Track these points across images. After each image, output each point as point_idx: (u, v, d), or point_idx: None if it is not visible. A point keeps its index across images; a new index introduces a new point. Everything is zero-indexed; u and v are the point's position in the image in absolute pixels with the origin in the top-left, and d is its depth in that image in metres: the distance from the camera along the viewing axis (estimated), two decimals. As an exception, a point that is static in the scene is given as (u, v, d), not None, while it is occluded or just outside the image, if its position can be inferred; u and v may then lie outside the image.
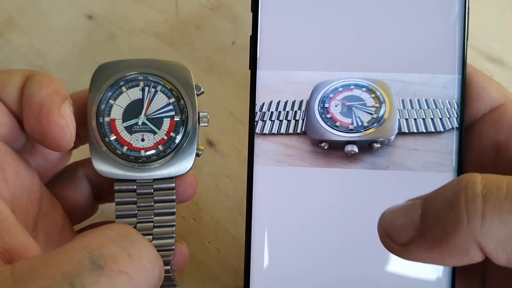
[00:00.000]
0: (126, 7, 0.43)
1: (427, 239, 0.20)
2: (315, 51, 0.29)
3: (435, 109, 0.28)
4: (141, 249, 0.21)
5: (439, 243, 0.20)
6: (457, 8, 0.28)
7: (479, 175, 0.20)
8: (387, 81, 0.29)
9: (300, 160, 0.29)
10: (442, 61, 0.28)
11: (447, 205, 0.20)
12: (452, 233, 0.19)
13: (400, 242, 0.21)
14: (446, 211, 0.20)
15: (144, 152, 0.27)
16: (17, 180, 0.25)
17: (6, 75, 0.25)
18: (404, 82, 0.29)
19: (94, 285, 0.19)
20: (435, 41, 0.28)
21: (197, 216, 0.38)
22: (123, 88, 0.27)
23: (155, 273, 0.22)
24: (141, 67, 0.28)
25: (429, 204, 0.21)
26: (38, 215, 0.26)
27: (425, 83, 0.28)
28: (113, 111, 0.27)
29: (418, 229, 0.21)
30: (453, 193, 0.20)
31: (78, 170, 0.30)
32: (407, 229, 0.21)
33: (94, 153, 0.27)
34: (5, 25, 0.43)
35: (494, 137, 0.27)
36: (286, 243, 0.29)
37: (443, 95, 0.28)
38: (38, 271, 0.19)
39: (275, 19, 0.29)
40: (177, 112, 0.27)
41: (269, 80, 0.29)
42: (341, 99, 0.29)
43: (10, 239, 0.22)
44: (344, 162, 0.29)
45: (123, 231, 0.22)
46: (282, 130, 0.29)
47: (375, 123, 0.29)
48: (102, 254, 0.20)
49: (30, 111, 0.24)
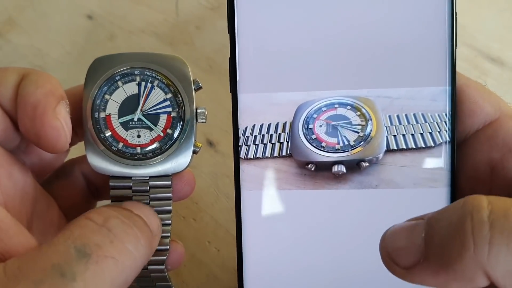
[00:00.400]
0: (126, 7, 0.43)
1: (431, 263, 0.20)
2: (296, 70, 0.28)
3: (424, 123, 0.27)
4: (121, 235, 0.22)
5: (444, 269, 0.19)
6: (445, 14, 0.27)
7: (485, 199, 0.19)
8: (372, 97, 0.28)
9: (287, 183, 0.28)
10: (430, 72, 0.27)
11: (453, 231, 0.19)
12: (458, 260, 0.19)
13: (403, 266, 0.21)
14: (451, 236, 0.19)
15: (140, 149, 0.27)
16: (9, 181, 0.24)
17: (1, 73, 0.25)
18: (390, 97, 0.28)
19: (84, 272, 0.20)
20: (421, 51, 0.27)
21: (197, 216, 0.38)
22: (119, 83, 0.27)
23: (140, 252, 0.23)
24: (137, 61, 0.27)
25: (433, 227, 0.20)
26: (32, 215, 0.26)
27: (412, 97, 0.27)
28: (109, 106, 0.27)
29: (422, 252, 0.20)
30: (458, 217, 0.19)
31: (74, 168, 0.30)
32: (410, 252, 0.20)
33: (89, 149, 0.26)
34: (5, 25, 0.43)
35: (488, 155, 0.26)
36: (277, 268, 0.28)
37: (432, 109, 0.27)
38: (28, 266, 0.20)
39: (253, 40, 0.28)
40: (174, 108, 0.27)
41: (250, 103, 0.28)
42: (325, 119, 0.28)
43: (9, 240, 0.22)
44: (332, 183, 0.28)
45: (101, 219, 0.22)
46: (267, 154, 0.28)
47: (362, 142, 0.28)
48: (85, 243, 0.21)
49: (25, 112, 0.24)
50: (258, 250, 0.28)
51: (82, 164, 0.30)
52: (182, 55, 0.27)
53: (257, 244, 0.28)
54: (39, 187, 0.27)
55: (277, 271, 0.28)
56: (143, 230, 0.24)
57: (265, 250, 0.28)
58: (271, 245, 0.28)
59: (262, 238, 0.28)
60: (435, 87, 0.27)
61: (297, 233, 0.28)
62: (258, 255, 0.28)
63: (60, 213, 0.29)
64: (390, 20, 0.27)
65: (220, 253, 0.37)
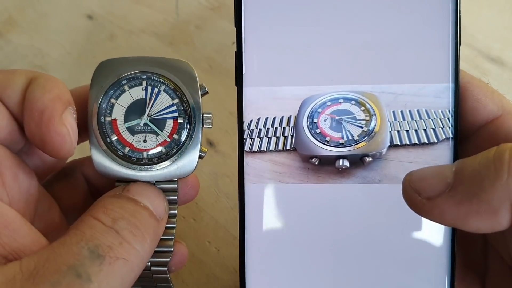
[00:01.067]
0: (126, 7, 0.43)
1: (457, 193, 0.20)
2: (302, 65, 0.28)
3: (427, 119, 0.28)
4: (128, 236, 0.23)
5: (470, 199, 0.19)
6: (449, 11, 0.27)
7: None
8: (377, 93, 0.28)
9: (290, 177, 0.28)
10: (433, 69, 0.27)
11: (488, 161, 0.19)
12: (488, 188, 0.19)
13: (426, 195, 0.21)
14: (486, 165, 0.19)
15: (147, 154, 0.27)
16: (15, 183, 0.24)
17: (9, 76, 0.25)
18: (394, 93, 0.28)
19: (98, 273, 0.21)
20: (425, 48, 0.27)
21: (197, 216, 0.38)
22: (125, 87, 0.27)
23: (146, 250, 0.23)
24: (144, 65, 0.27)
25: (466, 162, 0.21)
26: (34, 217, 0.26)
27: (416, 93, 0.28)
28: (115, 111, 0.27)
29: (449, 183, 0.20)
30: (496, 151, 0.20)
31: (76, 170, 0.30)
32: (437, 183, 0.21)
33: (95, 153, 0.27)
34: (5, 25, 0.43)
35: None
36: (280, 263, 0.28)
37: (436, 105, 0.27)
38: (44, 267, 0.20)
39: (260, 34, 0.28)
40: (180, 113, 0.27)
41: (255, 96, 0.28)
42: (330, 114, 0.28)
43: (21, 239, 0.22)
44: (335, 177, 0.28)
45: (109, 220, 0.23)
46: (271, 147, 0.28)
47: (365, 137, 0.28)
48: (98, 244, 0.22)
49: (31, 117, 0.24)
50: (261, 243, 0.28)
51: (84, 166, 0.30)
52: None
53: (259, 237, 0.28)
54: (42, 188, 0.28)
55: (281, 263, 0.28)
56: (149, 226, 0.24)
57: (269, 243, 0.28)
58: (274, 238, 0.28)
59: (265, 229, 0.28)
60: (439, 84, 0.27)
61: (300, 227, 0.28)
62: (260, 248, 0.28)
63: (61, 215, 0.29)
64: (395, 17, 0.28)
65: (220, 253, 0.37)
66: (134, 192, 0.25)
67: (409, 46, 0.27)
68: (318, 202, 0.28)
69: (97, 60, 0.27)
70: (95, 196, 0.31)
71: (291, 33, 0.28)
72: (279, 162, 0.28)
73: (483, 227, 0.20)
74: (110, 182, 0.27)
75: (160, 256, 0.27)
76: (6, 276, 0.20)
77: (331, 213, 0.28)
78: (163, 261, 0.27)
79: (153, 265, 0.27)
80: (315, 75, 0.28)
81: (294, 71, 0.28)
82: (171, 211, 0.27)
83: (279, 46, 0.28)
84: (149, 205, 0.25)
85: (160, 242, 0.26)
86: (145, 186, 0.26)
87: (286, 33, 0.28)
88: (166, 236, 0.27)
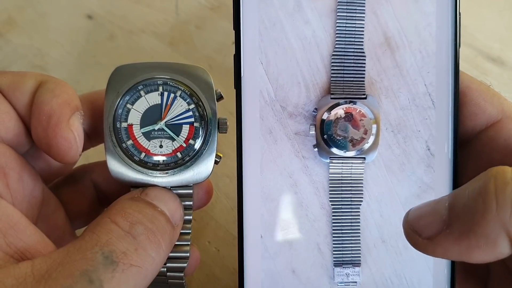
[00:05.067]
0: (126, 7, 0.43)
1: (454, 229, 0.20)
2: (299, 69, 0.28)
3: (427, 123, 0.27)
4: (144, 242, 0.22)
5: (467, 234, 0.19)
6: (448, 14, 0.27)
7: (508, 167, 0.20)
8: (374, 97, 0.27)
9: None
10: (432, 73, 0.27)
11: (476, 194, 0.19)
12: (481, 221, 0.19)
13: (426, 236, 0.21)
14: (474, 199, 0.19)
15: (162, 159, 0.27)
16: (19, 185, 0.24)
17: (19, 78, 0.25)
18: (392, 97, 0.27)
19: (111, 280, 0.20)
20: (423, 51, 0.27)
21: (197, 216, 0.38)
22: (141, 92, 0.27)
23: (161, 256, 0.23)
24: (160, 71, 0.27)
25: (457, 195, 0.21)
26: (37, 218, 0.26)
27: (414, 98, 0.27)
28: (131, 116, 0.26)
29: (445, 221, 0.20)
30: (482, 182, 0.20)
31: (85, 175, 0.30)
32: (434, 222, 0.21)
33: (110, 158, 0.26)
34: (5, 25, 0.43)
35: (490, 156, 0.26)
36: (280, 263, 0.28)
37: (435, 109, 0.27)
38: (57, 271, 0.20)
39: (259, 37, 0.28)
40: (196, 119, 0.27)
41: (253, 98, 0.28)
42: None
43: (27, 239, 0.22)
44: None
45: (127, 225, 0.23)
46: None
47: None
48: (112, 250, 0.21)
49: (39, 120, 0.24)
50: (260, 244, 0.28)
51: (94, 172, 0.30)
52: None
53: (259, 237, 0.28)
54: (48, 191, 0.27)
55: (280, 262, 0.28)
56: (165, 232, 0.24)
57: (267, 243, 0.28)
58: (273, 237, 0.28)
59: (264, 230, 0.28)
60: (438, 87, 0.27)
61: (299, 226, 0.28)
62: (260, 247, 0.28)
63: (66, 218, 0.29)
64: (393, 18, 0.27)
65: (220, 253, 0.37)
66: (152, 197, 0.25)
67: (406, 49, 0.27)
68: (317, 198, 0.28)
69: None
70: (103, 203, 0.31)
71: (288, 35, 0.28)
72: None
73: (488, 258, 0.20)
74: (120, 189, 0.27)
75: (177, 262, 0.27)
76: (16, 278, 0.20)
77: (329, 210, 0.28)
78: (179, 266, 0.27)
79: (169, 271, 0.27)
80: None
81: (292, 73, 0.28)
82: (187, 217, 0.27)
83: (278, 47, 0.28)
84: (166, 211, 0.25)
85: (176, 248, 0.26)
86: (163, 191, 0.26)
87: (283, 35, 0.28)
88: (183, 242, 0.27)
